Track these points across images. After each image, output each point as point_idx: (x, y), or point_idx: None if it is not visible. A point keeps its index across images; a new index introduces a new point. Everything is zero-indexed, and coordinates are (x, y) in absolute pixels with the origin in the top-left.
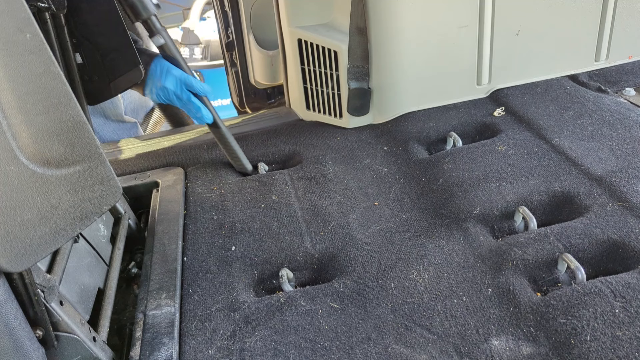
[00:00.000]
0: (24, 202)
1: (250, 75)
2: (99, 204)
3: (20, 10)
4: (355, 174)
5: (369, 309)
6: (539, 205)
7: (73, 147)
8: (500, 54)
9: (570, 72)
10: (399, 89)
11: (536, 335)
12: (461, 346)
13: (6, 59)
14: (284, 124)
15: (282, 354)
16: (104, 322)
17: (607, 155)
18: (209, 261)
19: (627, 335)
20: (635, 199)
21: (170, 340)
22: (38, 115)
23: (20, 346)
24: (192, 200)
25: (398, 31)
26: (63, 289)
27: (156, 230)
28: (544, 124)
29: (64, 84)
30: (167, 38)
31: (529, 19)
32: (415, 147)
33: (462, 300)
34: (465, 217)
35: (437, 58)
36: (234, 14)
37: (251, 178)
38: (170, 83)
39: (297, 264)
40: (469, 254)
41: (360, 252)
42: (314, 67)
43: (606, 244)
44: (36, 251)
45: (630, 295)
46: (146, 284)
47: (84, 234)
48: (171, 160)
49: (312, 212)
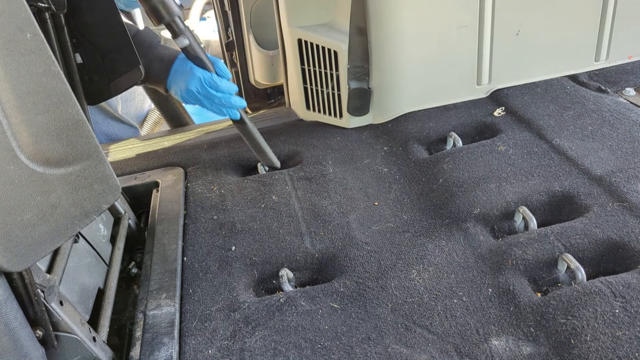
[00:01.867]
0: (24, 202)
1: (250, 76)
2: (98, 202)
3: (20, 10)
4: (355, 174)
5: (369, 309)
6: (539, 205)
7: (73, 146)
8: (500, 54)
9: (570, 72)
10: (399, 89)
11: (536, 335)
12: (461, 346)
13: (6, 59)
14: (284, 124)
15: (282, 354)
16: (104, 322)
17: (607, 155)
18: (209, 261)
19: (627, 335)
20: (635, 199)
21: (170, 340)
22: (38, 115)
23: (20, 346)
24: (192, 200)
25: (398, 31)
26: (63, 289)
27: (156, 230)
28: (544, 124)
29: (64, 83)
30: (191, 38)
31: (529, 19)
32: (415, 147)
33: (462, 300)
34: (465, 217)
35: (437, 58)
36: (234, 14)
37: (251, 178)
38: (194, 85)
39: (297, 264)
40: (469, 254)
41: (360, 252)
42: (314, 67)
43: (606, 244)
44: (36, 250)
45: (630, 295)
46: (146, 284)
47: (84, 233)
48: (171, 160)
49: (312, 212)
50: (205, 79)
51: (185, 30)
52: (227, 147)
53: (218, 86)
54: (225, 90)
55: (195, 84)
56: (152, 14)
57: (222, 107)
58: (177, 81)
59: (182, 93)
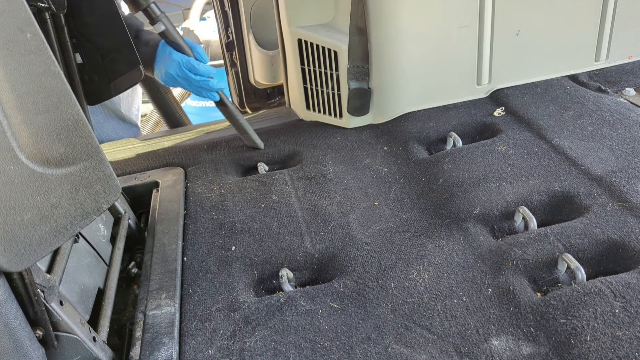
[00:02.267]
0: (24, 202)
1: (250, 75)
2: (98, 202)
3: (20, 10)
4: (355, 174)
5: (369, 309)
6: (539, 205)
7: (73, 146)
8: (500, 54)
9: (570, 72)
10: (399, 89)
11: (536, 335)
12: (461, 346)
13: (6, 59)
14: (284, 124)
15: (282, 354)
16: (104, 322)
17: (607, 155)
18: (209, 261)
19: (627, 335)
20: (635, 199)
21: (170, 340)
22: (38, 115)
23: (20, 346)
24: (192, 200)
25: (398, 31)
26: (63, 289)
27: (156, 230)
28: (544, 124)
29: (64, 83)
30: (168, 23)
31: (529, 19)
32: (415, 147)
33: (462, 300)
34: (465, 217)
35: (437, 58)
36: (234, 14)
37: (251, 178)
38: (172, 69)
39: (297, 264)
40: (469, 254)
41: (360, 252)
42: (314, 67)
43: (606, 244)
44: (36, 250)
45: (630, 295)
46: (146, 284)
47: (84, 233)
48: (171, 160)
49: (312, 212)
50: (183, 62)
51: (162, 16)
52: (227, 147)
53: (196, 69)
54: (204, 73)
55: (174, 67)
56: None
57: (202, 89)
58: (159, 65)
59: (162, 76)
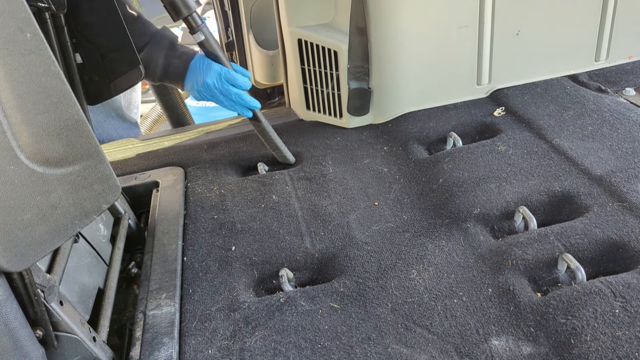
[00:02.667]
0: (24, 202)
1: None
2: (98, 202)
3: (20, 10)
4: (355, 174)
5: (369, 309)
6: (539, 205)
7: (73, 146)
8: (500, 54)
9: (570, 72)
10: (399, 89)
11: (536, 335)
12: (461, 346)
13: (6, 59)
14: (284, 124)
15: (282, 354)
16: (104, 322)
17: (607, 155)
18: (209, 261)
19: (627, 335)
20: (635, 199)
21: (170, 340)
22: (38, 115)
23: (20, 346)
24: (192, 200)
25: (398, 31)
26: (63, 289)
27: (156, 230)
28: (544, 124)
29: (64, 83)
30: (208, 34)
31: (529, 19)
32: (415, 147)
33: (462, 300)
34: (465, 217)
35: (437, 58)
36: (234, 14)
37: (251, 178)
38: (211, 78)
39: (297, 264)
40: (469, 254)
41: (360, 252)
42: (314, 67)
43: (606, 244)
44: (36, 250)
45: (630, 295)
46: (146, 284)
47: (84, 233)
48: (171, 160)
49: (312, 212)
50: (223, 73)
51: (203, 26)
52: (227, 147)
53: (235, 80)
54: (242, 85)
55: (213, 77)
56: (171, 9)
57: (236, 104)
58: (194, 76)
59: (198, 87)
